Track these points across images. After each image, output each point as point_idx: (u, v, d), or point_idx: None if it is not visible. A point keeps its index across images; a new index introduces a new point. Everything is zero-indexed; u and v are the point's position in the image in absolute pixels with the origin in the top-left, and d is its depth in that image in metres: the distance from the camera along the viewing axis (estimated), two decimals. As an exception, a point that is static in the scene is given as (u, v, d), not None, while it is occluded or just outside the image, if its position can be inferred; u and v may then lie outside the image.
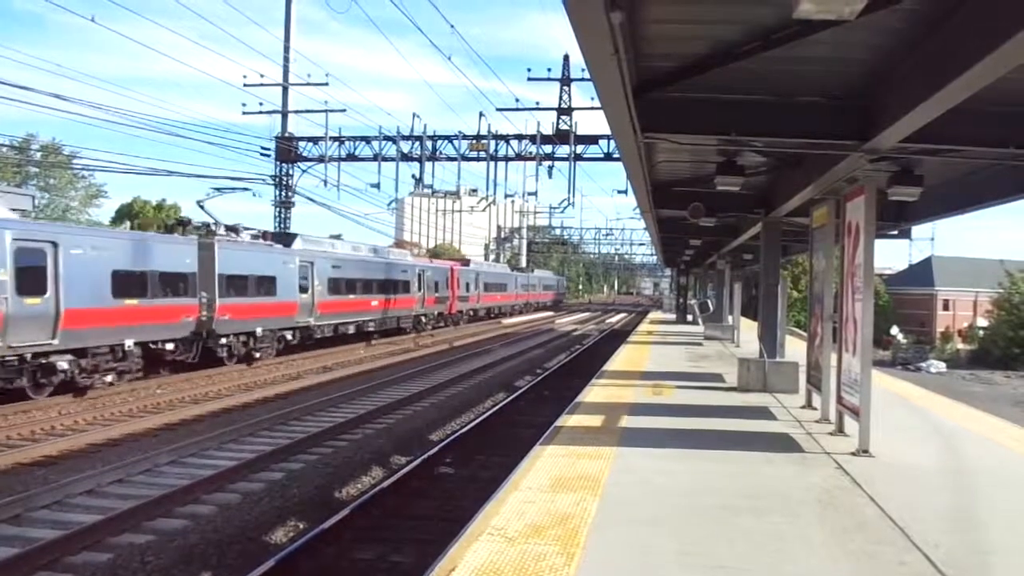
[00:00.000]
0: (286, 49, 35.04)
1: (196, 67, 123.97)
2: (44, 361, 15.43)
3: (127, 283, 17.62)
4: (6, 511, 8.69)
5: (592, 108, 32.77)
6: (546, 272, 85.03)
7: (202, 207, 23.35)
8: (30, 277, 15.03)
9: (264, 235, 25.74)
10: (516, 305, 61.68)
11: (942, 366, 53.54)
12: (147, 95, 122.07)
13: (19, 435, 13.04)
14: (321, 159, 35.06)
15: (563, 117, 34.60)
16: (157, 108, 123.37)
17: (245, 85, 33.75)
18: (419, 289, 37.34)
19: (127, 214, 51.98)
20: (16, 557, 7.20)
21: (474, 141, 34.21)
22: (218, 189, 24.30)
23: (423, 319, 38.55)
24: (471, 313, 48.28)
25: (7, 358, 14.69)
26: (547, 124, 34.32)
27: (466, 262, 50.94)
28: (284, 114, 35.54)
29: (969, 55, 5.01)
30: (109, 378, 17.09)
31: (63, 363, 15.69)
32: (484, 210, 47.46)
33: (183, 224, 22.53)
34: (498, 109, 42.67)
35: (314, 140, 35.45)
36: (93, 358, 16.52)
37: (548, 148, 33.86)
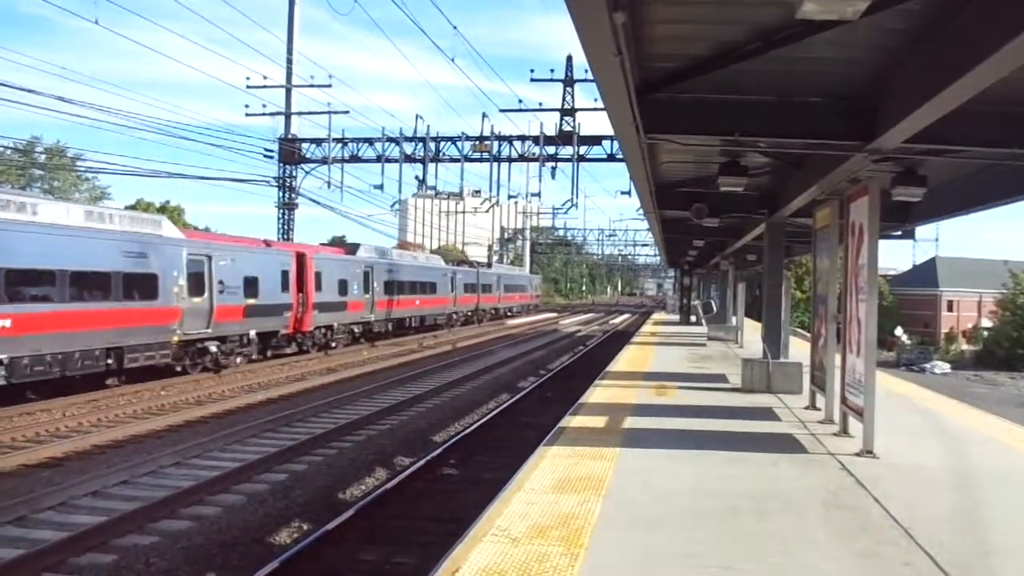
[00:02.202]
0: (289, 51, 35.16)
1: (199, 69, 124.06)
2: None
3: None
4: (11, 513, 8.71)
5: (595, 109, 32.74)
6: (509, 267, 67.22)
7: None
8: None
9: None
10: (455, 314, 43.87)
11: (946, 367, 53.42)
12: (151, 97, 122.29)
13: (24, 437, 13.07)
14: (324, 161, 35.17)
15: (566, 118, 34.66)
16: (161, 110, 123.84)
17: (248, 87, 33.92)
18: (197, 292, 20.13)
19: (131, 216, 52.09)
20: (21, 558, 7.22)
21: (477, 142, 34.29)
22: None
23: (214, 347, 20.96)
24: (357, 330, 30.43)
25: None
26: (550, 125, 34.42)
27: (352, 248, 31.67)
28: (287, 116, 35.65)
29: (973, 55, 5.00)
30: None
31: None
32: (487, 211, 47.54)
33: None
34: (501, 110, 42.78)
35: (317, 142, 35.59)
36: None
37: (551, 149, 33.94)
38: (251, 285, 22.56)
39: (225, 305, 21.16)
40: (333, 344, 28.13)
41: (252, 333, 22.72)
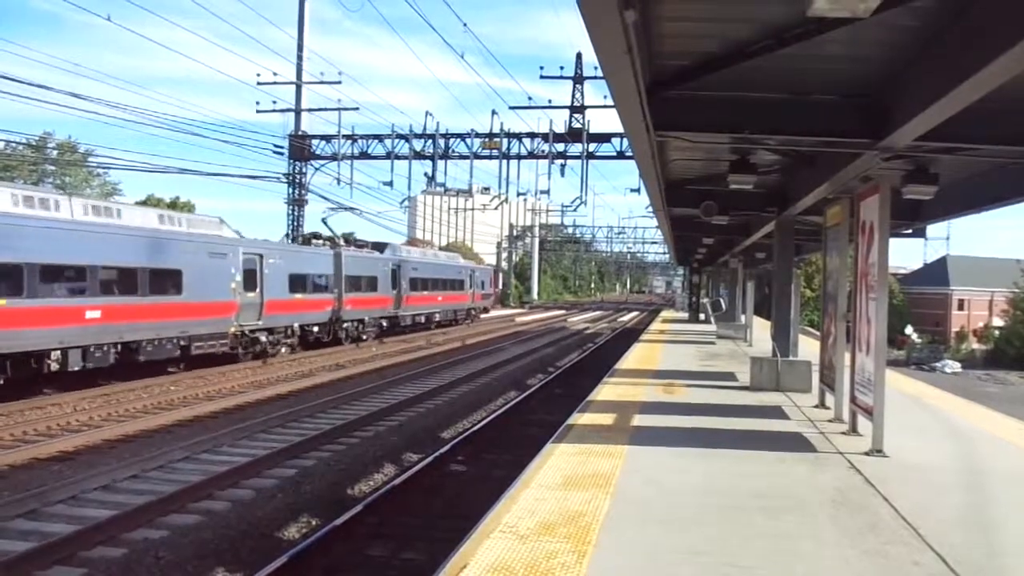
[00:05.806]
0: (299, 48, 35.30)
1: (210, 66, 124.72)
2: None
3: None
4: (22, 506, 8.77)
5: (605, 106, 32.87)
6: (428, 253, 42.20)
7: None
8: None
9: None
10: (268, 331, 23.41)
11: (957, 366, 53.13)
12: (162, 93, 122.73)
13: (35, 431, 13.17)
14: (334, 157, 35.32)
15: (576, 115, 34.68)
16: (172, 107, 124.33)
17: (259, 83, 34.11)
18: None
19: (141, 212, 52.34)
20: (32, 552, 7.27)
21: (487, 139, 34.36)
22: None
23: None
24: None
25: None
26: (560, 122, 34.50)
27: None
28: (297, 112, 35.77)
29: (985, 52, 4.97)
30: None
31: None
32: (496, 208, 47.48)
33: None
34: (511, 107, 42.85)
35: (327, 138, 35.71)
36: None
37: (560, 146, 33.98)
38: None
39: None
40: None
41: None
